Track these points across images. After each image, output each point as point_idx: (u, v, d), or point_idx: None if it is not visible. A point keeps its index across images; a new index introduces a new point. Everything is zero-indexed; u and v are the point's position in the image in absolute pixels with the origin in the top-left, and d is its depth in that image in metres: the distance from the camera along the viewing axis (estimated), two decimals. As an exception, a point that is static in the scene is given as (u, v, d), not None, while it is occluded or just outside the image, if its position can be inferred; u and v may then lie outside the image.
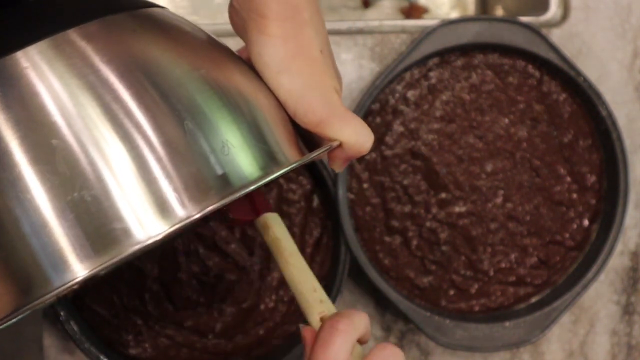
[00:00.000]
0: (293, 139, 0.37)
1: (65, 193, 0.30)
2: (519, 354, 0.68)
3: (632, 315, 0.69)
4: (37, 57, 0.32)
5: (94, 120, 0.31)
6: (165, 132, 0.32)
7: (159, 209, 0.31)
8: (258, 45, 0.37)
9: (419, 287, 0.65)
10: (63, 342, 0.65)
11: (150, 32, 0.35)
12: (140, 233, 0.30)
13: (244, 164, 0.33)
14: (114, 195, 0.30)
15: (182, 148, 0.32)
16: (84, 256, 0.30)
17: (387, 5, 0.84)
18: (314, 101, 0.37)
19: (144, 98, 0.32)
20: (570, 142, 0.66)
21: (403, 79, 0.65)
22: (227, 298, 0.64)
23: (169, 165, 0.31)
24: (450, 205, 0.65)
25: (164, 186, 0.31)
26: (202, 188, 0.32)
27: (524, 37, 0.64)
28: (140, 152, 0.31)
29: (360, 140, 0.38)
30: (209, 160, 0.32)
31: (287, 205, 0.64)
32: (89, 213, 0.30)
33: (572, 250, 0.66)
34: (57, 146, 0.31)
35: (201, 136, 0.32)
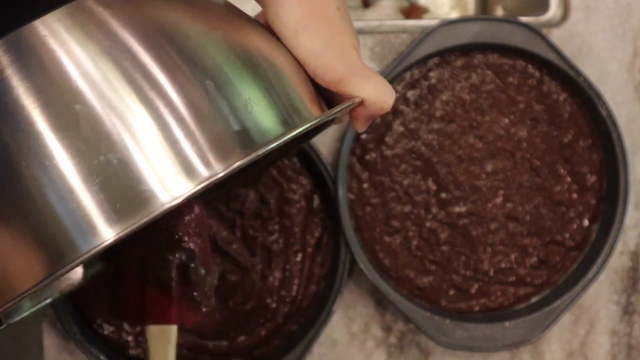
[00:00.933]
0: (314, 97, 0.37)
1: (91, 157, 0.30)
2: (519, 354, 0.68)
3: (632, 315, 0.69)
4: (55, 25, 0.32)
5: (115, 85, 0.31)
6: (187, 93, 0.32)
7: (184, 169, 0.31)
8: (275, 5, 0.37)
9: (419, 287, 0.65)
10: (63, 342, 0.65)
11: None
12: (166, 194, 0.30)
13: (268, 121, 0.33)
14: (139, 157, 0.30)
15: (205, 108, 0.32)
16: (111, 220, 0.30)
17: (387, 5, 0.84)
18: (333, 59, 0.37)
19: (164, 60, 0.32)
20: (570, 142, 0.66)
21: (403, 79, 0.65)
22: (229, 299, 0.64)
23: (192, 126, 0.31)
24: (450, 205, 0.65)
25: (187, 147, 0.31)
26: (226, 146, 0.32)
27: (524, 37, 0.64)
28: (163, 113, 0.31)
29: (382, 97, 0.37)
30: (232, 118, 0.32)
31: (288, 205, 0.64)
32: (116, 176, 0.30)
33: (572, 250, 0.66)
34: (80, 111, 0.30)
35: (223, 95, 0.32)
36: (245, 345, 0.64)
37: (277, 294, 0.65)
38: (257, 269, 0.64)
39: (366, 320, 0.67)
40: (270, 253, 0.64)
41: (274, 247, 0.64)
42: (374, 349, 0.67)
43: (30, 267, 0.30)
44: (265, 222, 0.64)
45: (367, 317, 0.67)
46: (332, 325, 0.66)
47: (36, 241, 0.30)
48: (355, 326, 0.67)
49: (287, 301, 0.65)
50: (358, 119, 0.39)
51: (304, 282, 0.65)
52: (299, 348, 0.63)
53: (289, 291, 0.65)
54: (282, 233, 0.64)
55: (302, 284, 0.65)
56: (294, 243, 0.64)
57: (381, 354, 0.67)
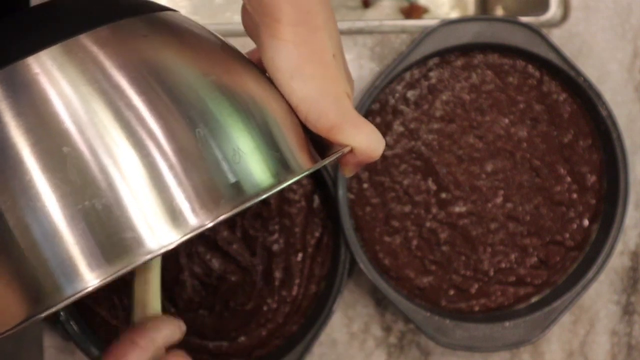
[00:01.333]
0: (304, 144, 0.37)
1: (76, 201, 0.30)
2: (519, 354, 0.68)
3: (632, 315, 0.69)
4: (48, 63, 0.31)
5: (106, 127, 0.31)
6: (177, 140, 0.31)
7: (170, 217, 0.31)
8: (271, 49, 0.37)
9: (419, 287, 0.65)
10: (63, 342, 0.65)
11: (162, 37, 0.34)
12: (152, 242, 0.30)
13: (255, 172, 0.33)
14: (126, 203, 0.30)
15: (194, 156, 0.32)
16: (95, 265, 0.30)
17: (387, 5, 0.84)
18: (326, 107, 0.37)
19: (156, 104, 0.32)
20: (570, 142, 0.66)
21: (403, 79, 0.65)
22: (230, 300, 0.64)
23: (181, 174, 0.31)
24: (450, 205, 0.65)
25: (176, 194, 0.31)
26: (214, 196, 0.31)
27: (524, 37, 0.64)
28: (152, 160, 0.31)
29: (372, 146, 0.38)
30: (221, 168, 0.32)
31: (288, 205, 0.64)
32: (100, 222, 0.30)
33: (572, 250, 0.66)
34: (68, 154, 0.30)
35: (213, 143, 0.32)
36: (246, 345, 0.64)
37: (278, 294, 0.65)
38: (257, 269, 0.64)
39: (366, 320, 0.67)
40: (271, 253, 0.64)
41: (275, 247, 0.64)
42: (374, 349, 0.67)
43: (11, 306, 0.30)
44: (266, 222, 0.64)
45: (367, 317, 0.67)
46: (332, 325, 0.66)
47: (18, 281, 0.30)
48: (355, 326, 0.67)
49: (287, 301, 0.65)
50: (347, 165, 0.39)
51: (305, 282, 0.65)
52: (299, 348, 0.63)
53: (290, 291, 0.65)
54: (282, 233, 0.64)
55: (303, 284, 0.65)
56: (294, 243, 0.64)
57: (381, 354, 0.67)
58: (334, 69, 0.38)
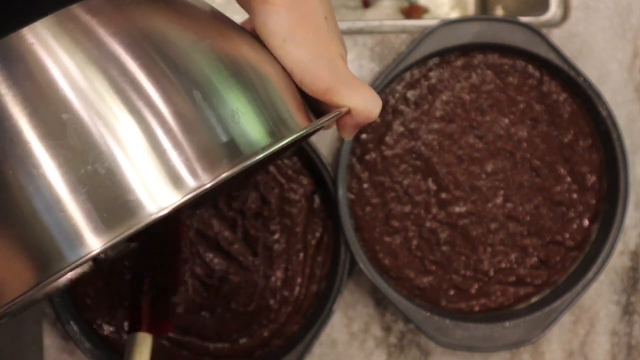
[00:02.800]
0: (301, 106, 0.37)
1: (78, 166, 0.30)
2: (519, 354, 0.68)
3: (632, 315, 0.69)
4: (43, 33, 0.32)
5: (104, 94, 0.31)
6: (174, 103, 0.32)
7: (171, 179, 0.31)
8: (262, 14, 0.37)
9: (419, 287, 0.65)
10: (63, 342, 0.65)
11: (155, 4, 0.35)
12: (153, 204, 0.30)
13: (254, 132, 0.33)
14: (126, 167, 0.30)
15: (192, 118, 0.32)
16: (98, 230, 0.30)
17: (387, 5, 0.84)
18: (320, 69, 0.37)
19: (152, 70, 0.32)
20: (570, 142, 0.66)
21: (403, 79, 0.65)
22: (231, 301, 0.64)
23: (180, 136, 0.31)
24: (450, 205, 0.65)
25: (175, 157, 0.31)
26: (213, 157, 0.32)
27: (524, 37, 0.64)
28: (150, 123, 0.31)
29: (369, 106, 0.38)
30: (219, 129, 0.32)
31: (289, 205, 0.64)
32: (103, 186, 0.30)
33: (572, 250, 0.66)
34: (68, 120, 0.30)
35: (210, 105, 0.32)
36: (247, 346, 0.64)
37: (280, 294, 0.64)
38: (259, 269, 0.64)
39: (366, 320, 0.67)
40: (272, 253, 0.64)
41: (276, 247, 0.64)
42: (374, 349, 0.67)
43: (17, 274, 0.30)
44: (267, 222, 0.64)
45: (367, 317, 0.67)
46: (332, 325, 0.66)
47: (23, 249, 0.30)
48: (355, 326, 0.67)
49: (289, 301, 0.65)
50: (345, 127, 0.39)
51: (306, 282, 0.65)
52: (299, 348, 0.62)
53: (292, 291, 0.65)
54: (283, 233, 0.64)
55: (304, 284, 0.65)
56: (295, 243, 0.64)
57: (381, 354, 0.67)
58: (326, 31, 0.38)
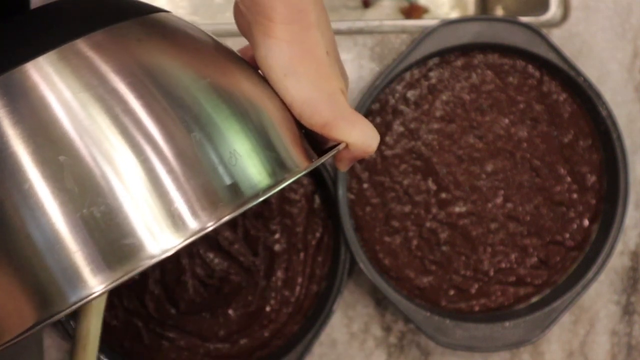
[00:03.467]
0: (300, 142, 0.37)
1: (75, 210, 0.30)
2: (519, 354, 0.68)
3: (632, 315, 0.69)
4: (46, 69, 0.31)
5: (104, 133, 0.31)
6: (175, 144, 0.31)
7: (171, 222, 0.31)
8: (264, 48, 0.37)
9: (419, 287, 0.65)
10: (63, 342, 0.65)
11: (156, 40, 0.34)
12: (154, 247, 0.30)
13: (253, 173, 0.33)
14: (125, 210, 0.30)
15: (191, 160, 0.32)
16: (98, 271, 0.30)
17: (387, 5, 0.84)
18: (320, 103, 0.37)
19: (153, 109, 0.32)
20: (570, 142, 0.66)
21: (403, 79, 0.65)
22: (232, 301, 0.64)
23: (179, 178, 0.31)
24: (450, 205, 0.65)
25: (174, 199, 0.31)
26: (213, 199, 0.32)
27: (524, 37, 0.64)
28: (150, 165, 0.31)
29: (367, 141, 0.38)
30: (218, 170, 0.32)
31: (289, 205, 0.64)
32: (101, 229, 0.30)
33: (572, 250, 0.66)
34: (65, 163, 0.30)
35: (209, 147, 0.32)
36: (247, 347, 0.64)
37: (280, 294, 0.64)
38: (259, 269, 0.64)
39: (366, 320, 0.67)
40: (273, 253, 0.64)
41: (276, 247, 0.64)
42: (374, 349, 0.67)
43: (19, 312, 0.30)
44: (267, 222, 0.64)
45: (367, 317, 0.67)
46: (332, 325, 0.66)
47: (23, 288, 0.30)
48: (355, 326, 0.67)
49: (290, 301, 0.65)
50: (342, 160, 0.39)
51: (306, 282, 0.65)
52: (299, 348, 0.62)
53: (292, 291, 0.64)
54: (283, 233, 0.64)
55: (305, 284, 0.65)
56: (296, 243, 0.64)
57: (381, 354, 0.67)
58: (327, 66, 0.38)
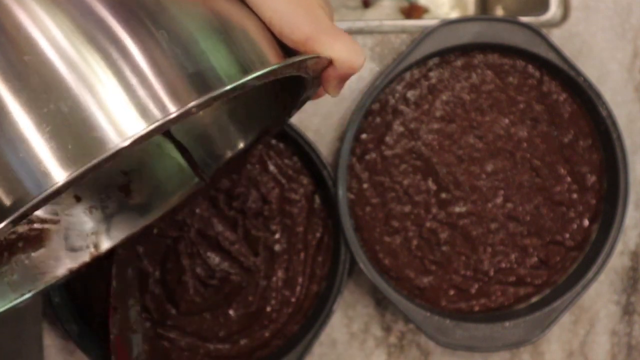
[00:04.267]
0: (280, 56, 0.37)
1: (40, 106, 0.31)
2: (519, 354, 0.68)
3: (632, 315, 0.69)
4: None
5: (68, 33, 0.31)
6: (141, 41, 0.32)
7: (138, 112, 0.31)
8: None
9: (419, 287, 0.65)
10: (63, 342, 0.65)
11: None
12: (119, 136, 0.31)
13: (226, 68, 0.33)
14: (91, 105, 0.31)
15: (160, 54, 0.32)
16: (63, 164, 0.30)
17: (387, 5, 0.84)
18: (299, 18, 0.37)
19: (119, 10, 0.32)
20: (570, 142, 0.66)
21: (403, 79, 0.65)
22: (232, 302, 0.64)
23: (146, 72, 0.31)
24: (450, 205, 0.65)
25: (141, 92, 0.31)
26: (181, 91, 0.32)
27: (524, 37, 0.64)
28: (116, 60, 0.31)
29: (352, 55, 0.37)
30: (188, 65, 0.32)
31: (290, 205, 0.64)
32: (67, 124, 0.30)
33: (572, 250, 0.66)
34: (30, 62, 0.31)
35: (178, 43, 0.33)
36: (248, 347, 0.64)
37: (281, 294, 0.64)
38: (260, 270, 0.64)
39: (366, 320, 0.67)
40: (273, 253, 0.64)
41: (277, 247, 0.64)
42: (374, 349, 0.67)
43: None
44: (267, 222, 0.64)
45: (367, 317, 0.67)
46: (332, 325, 0.66)
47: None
48: (355, 326, 0.67)
49: (290, 302, 0.65)
50: (329, 80, 0.38)
51: (307, 282, 0.65)
52: (299, 348, 0.62)
53: (293, 291, 0.64)
54: (284, 232, 0.64)
55: (305, 284, 0.65)
56: (296, 243, 0.64)
57: (381, 354, 0.67)
58: None
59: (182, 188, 0.52)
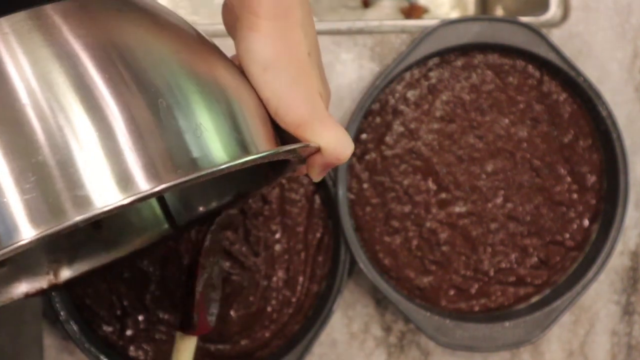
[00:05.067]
0: (271, 136, 0.37)
1: (29, 155, 0.31)
2: (519, 354, 0.68)
3: (632, 315, 0.69)
4: (8, 29, 0.32)
5: (62, 89, 0.31)
6: (136, 108, 0.32)
7: (121, 180, 0.31)
8: (246, 41, 0.37)
9: (419, 287, 0.65)
10: (63, 342, 0.65)
11: (133, 13, 0.35)
12: (99, 201, 0.31)
13: (216, 149, 0.33)
14: (78, 163, 0.31)
15: (153, 125, 0.32)
16: (39, 220, 0.30)
17: (387, 5, 0.84)
18: (296, 101, 0.37)
19: (112, 74, 0.32)
20: (570, 142, 0.66)
21: (403, 79, 0.65)
22: (233, 302, 0.64)
23: (136, 141, 0.31)
24: (450, 206, 0.65)
25: (128, 160, 0.31)
26: (169, 166, 0.32)
27: (524, 37, 0.64)
28: (108, 124, 0.31)
29: (340, 146, 0.37)
30: (180, 139, 0.32)
31: (290, 205, 0.64)
32: (51, 177, 0.30)
33: (572, 250, 0.66)
34: (25, 107, 0.31)
35: (174, 115, 0.32)
36: (248, 347, 0.64)
37: (281, 294, 0.64)
38: (260, 270, 0.64)
39: (366, 320, 0.67)
40: (274, 253, 0.64)
41: (277, 247, 0.64)
42: (374, 349, 0.67)
43: None
44: (268, 222, 0.64)
45: (367, 317, 0.67)
46: (332, 325, 0.66)
47: None
48: (355, 326, 0.67)
49: (291, 302, 0.64)
50: (314, 166, 0.39)
51: (307, 282, 0.65)
52: (299, 348, 0.62)
53: (293, 291, 0.64)
54: (284, 232, 0.64)
55: (305, 284, 0.65)
56: (296, 243, 0.64)
57: (381, 354, 0.67)
58: (307, 65, 0.38)
59: (152, 231, 0.53)
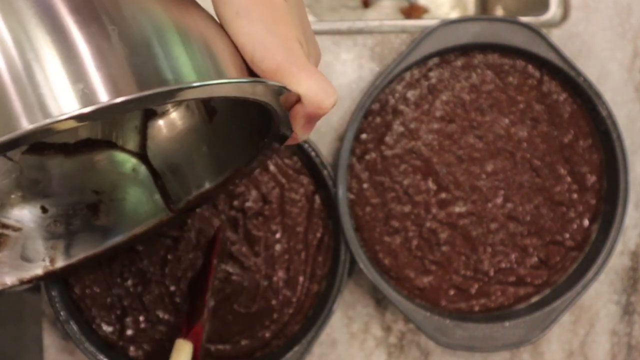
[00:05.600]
0: (245, 73, 0.36)
1: None
2: (519, 354, 0.68)
3: (632, 315, 0.69)
4: None
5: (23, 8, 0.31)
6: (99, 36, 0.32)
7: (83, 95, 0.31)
8: None
9: (419, 287, 0.65)
10: (63, 342, 0.65)
11: None
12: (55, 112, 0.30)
13: (188, 75, 0.33)
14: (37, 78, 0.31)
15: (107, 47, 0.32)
16: None
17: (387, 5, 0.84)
18: (273, 47, 0.35)
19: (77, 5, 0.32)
20: (570, 142, 0.66)
21: (403, 79, 0.65)
22: (234, 302, 0.64)
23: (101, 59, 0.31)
24: (450, 206, 0.65)
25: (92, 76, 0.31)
26: (132, 82, 0.31)
27: (524, 37, 0.64)
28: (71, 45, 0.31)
29: (320, 94, 0.36)
30: (152, 65, 0.32)
31: (290, 205, 0.64)
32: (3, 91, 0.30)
33: (572, 250, 0.66)
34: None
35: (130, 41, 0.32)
36: (249, 347, 0.64)
37: (282, 294, 0.64)
38: (260, 270, 0.64)
39: (366, 320, 0.67)
40: (274, 253, 0.64)
41: (277, 247, 0.64)
42: (374, 349, 0.67)
43: None
44: (268, 222, 0.64)
45: (367, 317, 0.67)
46: (332, 325, 0.66)
47: None
48: (355, 326, 0.67)
49: (291, 302, 0.65)
50: (296, 118, 0.37)
51: (307, 282, 0.65)
52: (299, 348, 0.62)
53: (294, 291, 0.64)
54: (284, 232, 0.64)
55: (306, 284, 0.65)
56: (297, 242, 0.64)
57: (381, 354, 0.67)
58: (284, 12, 0.36)
59: (149, 218, 0.52)
